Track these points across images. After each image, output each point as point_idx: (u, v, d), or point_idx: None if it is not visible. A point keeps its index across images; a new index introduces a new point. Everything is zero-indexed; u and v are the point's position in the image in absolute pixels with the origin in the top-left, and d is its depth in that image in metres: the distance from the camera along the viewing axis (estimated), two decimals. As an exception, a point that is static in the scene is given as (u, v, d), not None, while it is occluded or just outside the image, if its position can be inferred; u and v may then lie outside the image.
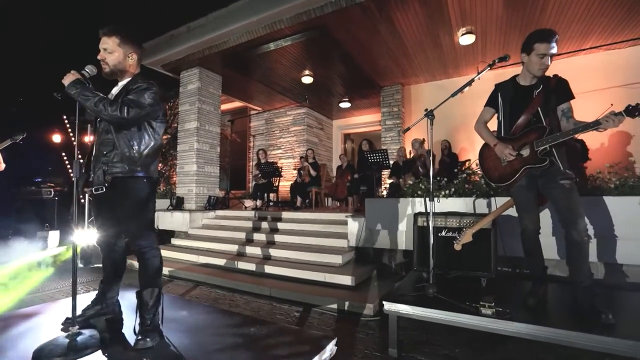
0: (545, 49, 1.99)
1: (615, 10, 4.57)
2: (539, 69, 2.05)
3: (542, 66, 2.04)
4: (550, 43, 1.98)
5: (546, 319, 1.95)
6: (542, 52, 2.00)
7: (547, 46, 1.98)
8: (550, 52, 1.99)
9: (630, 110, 1.79)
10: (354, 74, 6.68)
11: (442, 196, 3.28)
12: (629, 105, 1.80)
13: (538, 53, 2.01)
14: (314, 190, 6.15)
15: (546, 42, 1.98)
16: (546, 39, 1.99)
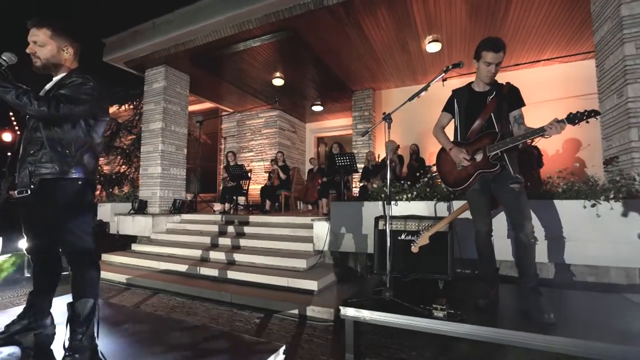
0: (491, 57, 2.06)
1: (569, 24, 4.86)
2: (486, 75, 2.14)
3: (489, 73, 2.12)
4: (496, 52, 2.04)
5: (494, 319, 1.99)
6: (488, 60, 2.07)
7: (493, 55, 2.05)
8: (496, 61, 2.06)
9: (571, 117, 1.88)
10: (326, 77, 6.70)
11: (404, 199, 3.31)
12: (570, 113, 1.89)
13: (485, 61, 2.09)
14: (284, 193, 6.07)
15: (492, 51, 2.05)
16: (492, 48, 2.06)
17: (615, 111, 3.36)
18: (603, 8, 3.52)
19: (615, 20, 3.28)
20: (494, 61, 2.06)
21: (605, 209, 2.82)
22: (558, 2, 4.38)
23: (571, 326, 1.86)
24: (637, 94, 3.10)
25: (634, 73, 3.13)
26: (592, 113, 1.84)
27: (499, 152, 2.06)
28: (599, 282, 2.96)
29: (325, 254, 4.10)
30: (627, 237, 2.77)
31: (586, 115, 1.84)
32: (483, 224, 2.20)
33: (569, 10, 4.50)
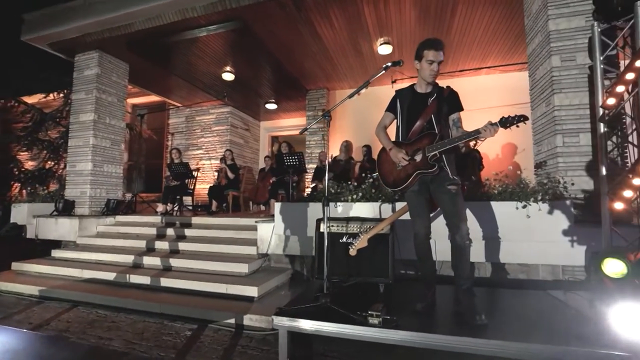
0: (433, 55, 2.07)
1: (508, 36, 5.17)
2: (429, 74, 2.12)
3: (432, 72, 2.11)
4: (437, 50, 2.07)
5: (429, 324, 1.96)
6: (430, 59, 2.08)
7: (435, 53, 2.07)
8: (437, 59, 2.08)
9: (503, 121, 1.90)
10: (280, 75, 6.52)
11: (350, 201, 3.25)
12: (502, 117, 1.92)
13: (427, 59, 2.09)
14: (232, 193, 5.77)
15: (434, 50, 2.07)
16: (434, 46, 2.08)
17: (544, 118, 3.58)
18: (534, 22, 3.75)
19: (544, 34, 3.50)
20: (436, 59, 2.07)
21: (534, 210, 2.97)
22: (498, 15, 4.63)
23: (502, 327, 1.88)
24: (562, 103, 3.33)
25: (560, 83, 3.35)
26: (521, 118, 1.88)
27: (437, 153, 2.05)
28: (530, 279, 3.12)
29: (271, 257, 3.91)
30: (553, 236, 2.94)
31: (516, 120, 1.88)
32: (421, 226, 2.18)
33: (507, 23, 4.79)
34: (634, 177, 1.82)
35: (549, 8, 3.43)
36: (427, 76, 2.14)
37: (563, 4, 3.40)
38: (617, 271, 1.81)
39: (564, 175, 3.24)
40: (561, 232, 2.93)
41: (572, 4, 3.36)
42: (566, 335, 1.76)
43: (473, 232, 3.08)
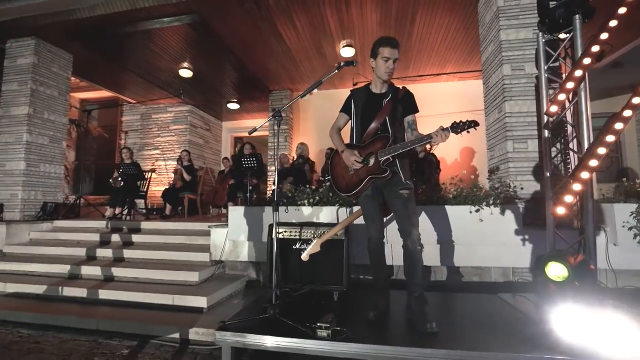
0: (389, 52, 2.03)
1: (465, 45, 5.36)
2: (384, 72, 2.07)
3: (387, 69, 2.06)
4: (393, 48, 2.03)
5: (380, 334, 1.89)
6: (386, 56, 2.04)
7: (391, 50, 2.03)
8: (393, 56, 2.03)
9: (454, 127, 1.88)
10: (241, 74, 6.32)
11: (307, 205, 3.14)
12: (454, 123, 1.90)
13: (383, 56, 2.05)
14: (188, 196, 5.45)
15: (389, 47, 2.03)
16: (389, 43, 2.04)
17: (497, 125, 3.71)
18: (488, 32, 3.89)
19: (497, 44, 3.64)
20: (392, 56, 2.03)
21: (487, 214, 3.03)
22: (455, 24, 4.77)
23: (452, 334, 1.85)
24: (512, 110, 3.46)
25: (510, 91, 3.48)
26: (472, 124, 1.87)
27: (390, 158, 1.99)
28: (483, 282, 3.19)
29: (226, 264, 3.70)
30: (504, 239, 3.02)
31: (467, 126, 1.86)
32: (375, 231, 2.12)
33: (464, 32, 4.95)
34: (574, 183, 1.87)
35: (500, 19, 3.57)
36: (383, 74, 2.09)
37: (513, 16, 3.55)
38: (559, 275, 1.85)
39: (514, 180, 3.36)
40: (511, 235, 3.02)
41: (521, 16, 3.52)
42: (513, 340, 1.76)
43: (429, 237, 3.12)
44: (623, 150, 7.94)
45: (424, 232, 3.10)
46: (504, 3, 3.57)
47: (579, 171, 1.89)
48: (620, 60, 5.83)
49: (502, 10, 3.56)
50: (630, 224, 2.85)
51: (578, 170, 1.91)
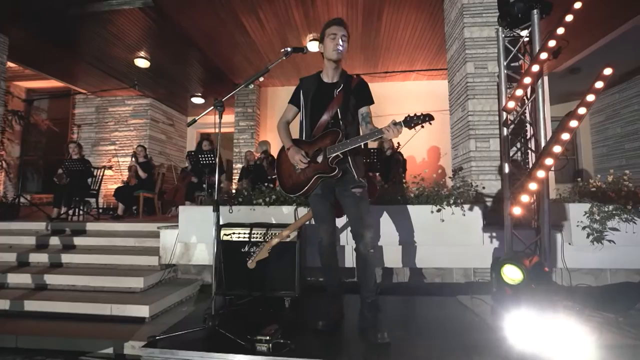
0: (335, 29, 1.88)
1: (432, 43, 5.35)
2: (333, 49, 1.87)
3: (336, 47, 1.86)
4: (339, 25, 1.88)
5: (329, 346, 1.73)
6: (332, 32, 1.88)
7: (336, 27, 1.88)
8: (340, 32, 1.86)
9: (407, 121, 1.73)
10: (205, 67, 6.01)
11: (262, 204, 2.93)
12: (407, 117, 1.75)
13: (329, 34, 1.89)
14: (143, 195, 5.07)
15: (335, 25, 1.89)
16: (334, 22, 1.91)
17: (460, 123, 3.68)
18: (453, 29, 3.85)
19: (461, 41, 3.60)
20: (338, 32, 1.86)
21: (448, 214, 2.97)
22: (422, 22, 4.73)
23: (404, 344, 1.72)
24: (475, 108, 3.43)
25: (473, 89, 3.45)
26: (426, 118, 1.73)
27: (340, 154, 1.83)
28: (445, 283, 3.13)
29: (179, 268, 3.42)
30: (465, 239, 2.96)
31: (421, 120, 1.72)
32: (325, 233, 1.96)
33: (431, 30, 4.92)
34: (530, 182, 1.81)
35: (464, 16, 3.53)
36: (331, 52, 1.88)
37: (477, 13, 3.52)
38: (514, 278, 1.77)
39: (476, 179, 3.33)
40: (472, 235, 2.97)
41: (484, 14, 3.50)
42: (467, 348, 1.67)
43: (391, 237, 3.01)
44: (578, 152, 8.33)
45: (387, 233, 3.04)
46: (467, 0, 3.53)
47: (535, 170, 1.83)
48: (578, 66, 6.07)
49: (466, 7, 3.53)
50: (583, 223, 2.88)
51: (534, 169, 1.84)
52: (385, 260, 3.07)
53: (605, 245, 2.82)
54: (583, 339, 1.63)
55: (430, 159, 6.63)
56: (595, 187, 3.04)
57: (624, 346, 1.65)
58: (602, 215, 2.83)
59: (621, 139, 7.35)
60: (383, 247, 3.04)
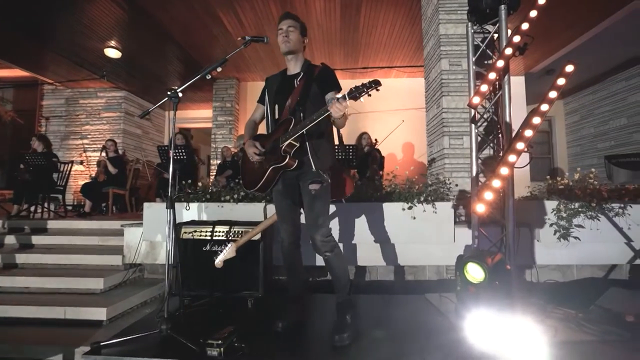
0: (281, 24, 1.88)
1: (410, 42, 5.34)
2: (280, 42, 1.87)
3: (284, 40, 1.85)
4: (283, 19, 1.88)
5: (287, 348, 1.66)
6: (279, 28, 1.88)
7: (282, 22, 1.88)
8: (285, 25, 1.86)
9: (351, 93, 1.55)
10: (182, 60, 5.84)
11: (231, 201, 2.83)
12: (351, 89, 1.57)
13: (278, 30, 1.90)
14: (112, 191, 4.86)
15: (281, 20, 1.89)
16: (280, 18, 1.91)
17: (435, 120, 3.67)
18: (429, 26, 3.83)
19: (436, 38, 3.57)
20: (284, 26, 1.85)
21: (419, 212, 2.95)
22: (401, 18, 4.70)
23: (366, 345, 1.67)
24: (449, 105, 3.42)
25: (448, 86, 3.44)
26: (372, 84, 1.53)
27: (293, 142, 1.72)
28: (417, 280, 3.11)
29: (145, 267, 3.29)
30: (436, 237, 2.95)
31: (367, 87, 1.53)
32: (285, 233, 1.88)
33: (410, 27, 4.89)
34: (494, 179, 1.78)
35: (440, 13, 3.51)
36: (280, 45, 1.87)
37: (452, 10, 3.50)
38: (477, 276, 1.75)
39: (449, 177, 3.32)
40: (443, 233, 2.96)
41: (459, 11, 3.47)
42: (429, 348, 1.63)
43: (365, 235, 2.96)
44: (554, 152, 8.54)
45: (359, 231, 2.99)
46: (443, -4, 3.51)
47: (499, 167, 1.80)
48: (553, 67, 6.17)
49: (442, 3, 3.50)
50: (551, 221, 2.91)
51: (498, 166, 1.81)
52: (359, 259, 3.03)
53: (571, 242, 2.86)
54: (539, 337, 1.62)
55: (406, 156, 6.64)
56: (563, 185, 3.08)
57: (578, 342, 1.65)
58: (568, 213, 2.87)
59: (594, 138, 7.56)
60: (357, 245, 2.99)
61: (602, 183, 2.96)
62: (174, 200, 1.80)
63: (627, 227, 2.89)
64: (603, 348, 1.60)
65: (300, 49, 1.91)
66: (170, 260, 1.86)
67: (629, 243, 2.90)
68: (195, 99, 7.53)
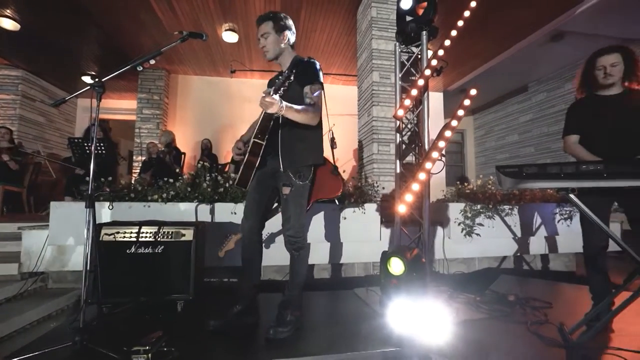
0: (257, 31, 1.90)
1: (346, 51, 5.62)
2: (262, 52, 1.90)
3: (262, 49, 1.89)
4: (257, 25, 1.90)
5: (220, 348, 1.65)
6: (257, 37, 1.91)
7: (258, 28, 1.90)
8: (259, 33, 1.88)
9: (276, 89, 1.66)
10: (103, 43, 5.24)
11: (159, 200, 2.67)
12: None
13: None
14: (5, 188, 4.13)
15: (256, 26, 1.92)
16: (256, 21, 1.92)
17: (366, 127, 3.95)
18: (363, 39, 4.11)
19: (369, 51, 3.86)
20: (259, 33, 1.89)
21: (349, 212, 3.15)
22: (338, 27, 4.93)
23: (297, 338, 1.74)
24: (379, 115, 3.72)
25: (378, 97, 3.74)
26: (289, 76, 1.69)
27: (256, 141, 1.78)
28: (347, 277, 3.31)
29: (49, 276, 2.88)
30: (365, 235, 3.18)
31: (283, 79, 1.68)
32: (245, 229, 1.87)
33: (346, 37, 5.16)
34: (413, 183, 2.02)
35: (373, 29, 3.80)
36: (263, 55, 1.90)
37: (384, 28, 3.82)
38: (398, 269, 1.96)
39: (377, 180, 3.61)
40: (371, 232, 3.21)
41: (390, 29, 3.81)
42: (356, 337, 1.78)
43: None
44: (465, 161, 9.80)
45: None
46: (376, 14, 3.81)
47: (417, 172, 2.05)
48: (465, 87, 7.11)
49: (375, 20, 3.80)
50: (460, 220, 3.38)
51: (417, 172, 2.06)
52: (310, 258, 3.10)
53: (474, 238, 3.36)
54: (445, 317, 1.93)
55: (342, 159, 6.97)
56: (469, 190, 3.60)
57: (475, 320, 1.99)
58: (472, 213, 3.37)
59: (495, 150, 8.87)
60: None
61: (498, 189, 3.53)
62: (93, 200, 1.65)
63: (514, 225, 3.51)
64: (492, 322, 1.96)
65: (282, 50, 1.88)
66: (88, 265, 1.69)
67: (515, 238, 3.52)
68: (117, 87, 6.81)
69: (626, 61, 1.83)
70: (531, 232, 3.58)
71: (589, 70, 1.93)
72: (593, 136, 1.88)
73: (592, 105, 1.93)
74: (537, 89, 7.43)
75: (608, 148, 1.80)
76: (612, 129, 1.82)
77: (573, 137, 1.95)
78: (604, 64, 1.85)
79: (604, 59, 1.85)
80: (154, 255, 2.05)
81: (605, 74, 1.84)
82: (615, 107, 1.84)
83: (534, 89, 7.51)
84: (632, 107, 1.81)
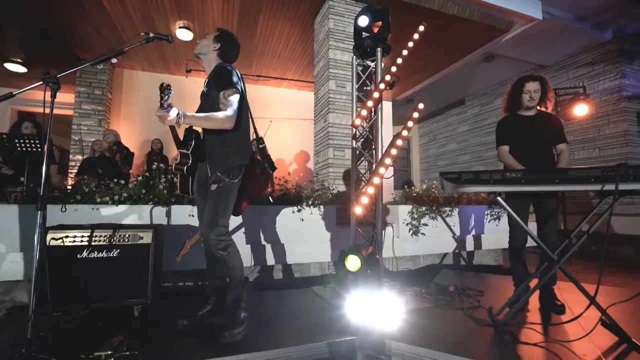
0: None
1: (302, 58, 5.77)
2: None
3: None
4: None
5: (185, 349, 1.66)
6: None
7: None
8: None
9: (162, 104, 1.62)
10: (31, 25, 4.71)
11: (110, 203, 2.53)
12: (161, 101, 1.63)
13: None
14: None
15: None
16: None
17: (322, 133, 4.12)
18: (320, 48, 4.29)
19: (326, 60, 4.05)
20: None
21: (307, 214, 3.27)
22: (295, 35, 5.06)
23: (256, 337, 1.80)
24: (334, 121, 3.91)
25: (334, 104, 3.93)
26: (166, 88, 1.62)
27: (180, 151, 1.87)
28: (304, 277, 3.41)
29: (-27, 287, 2.56)
30: (321, 236, 3.33)
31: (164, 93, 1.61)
32: (202, 229, 1.86)
33: (303, 44, 5.31)
34: (368, 186, 2.21)
35: (330, 39, 3.99)
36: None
37: (340, 39, 4.03)
38: (354, 266, 2.13)
39: (332, 184, 3.79)
40: (327, 233, 3.37)
41: (346, 41, 4.04)
42: (314, 326, 1.91)
43: (258, 236, 3.11)
44: (411, 166, 10.52)
45: (252, 233, 3.11)
46: (333, 25, 4.01)
47: (372, 177, 2.25)
48: (411, 97, 7.70)
49: (332, 31, 4.00)
50: (407, 221, 3.69)
51: (371, 176, 2.26)
52: (267, 258, 3.13)
53: (420, 237, 3.70)
54: (397, 307, 2.15)
55: (298, 162, 7.10)
56: (416, 193, 3.95)
57: (422, 309, 2.25)
58: (418, 214, 3.70)
59: (437, 157, 9.67)
60: (251, 246, 3.09)
61: (440, 192, 3.93)
62: (45, 203, 1.56)
63: (454, 225, 3.93)
64: (436, 310, 2.22)
65: (208, 53, 1.93)
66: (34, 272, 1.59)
67: (454, 236, 3.94)
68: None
69: (542, 89, 2.26)
70: (467, 231, 4.04)
71: (516, 93, 2.32)
72: (517, 147, 2.32)
73: (515, 122, 2.34)
74: (473, 102, 8.33)
75: (528, 157, 2.25)
76: (530, 142, 2.27)
77: (505, 147, 2.36)
78: (530, 89, 2.26)
79: (530, 85, 2.27)
80: (109, 260, 1.97)
81: (531, 98, 2.26)
82: (532, 125, 2.29)
83: (470, 102, 8.41)
84: (544, 125, 2.29)
